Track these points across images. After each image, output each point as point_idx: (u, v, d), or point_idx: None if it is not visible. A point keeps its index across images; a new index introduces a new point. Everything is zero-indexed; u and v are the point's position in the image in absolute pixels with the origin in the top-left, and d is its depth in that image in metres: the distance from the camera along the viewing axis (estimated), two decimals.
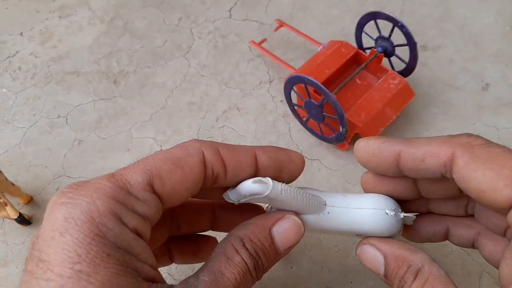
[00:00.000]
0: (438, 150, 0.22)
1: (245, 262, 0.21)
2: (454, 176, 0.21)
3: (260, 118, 0.40)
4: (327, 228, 0.25)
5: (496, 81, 0.41)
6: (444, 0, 0.46)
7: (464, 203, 0.25)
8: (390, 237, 0.25)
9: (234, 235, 0.22)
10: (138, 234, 0.19)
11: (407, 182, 0.25)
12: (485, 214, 0.25)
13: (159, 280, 0.20)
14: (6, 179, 0.34)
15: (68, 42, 0.45)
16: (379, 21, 0.37)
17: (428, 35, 0.44)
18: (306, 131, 0.39)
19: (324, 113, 0.35)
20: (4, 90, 0.43)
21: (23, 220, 0.34)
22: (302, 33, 0.42)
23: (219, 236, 0.27)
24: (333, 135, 0.36)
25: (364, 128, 0.35)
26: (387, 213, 0.25)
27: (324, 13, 0.46)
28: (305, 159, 0.32)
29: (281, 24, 0.43)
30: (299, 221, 0.24)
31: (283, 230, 0.23)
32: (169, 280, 0.33)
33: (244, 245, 0.22)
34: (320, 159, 0.38)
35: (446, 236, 0.27)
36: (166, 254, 0.28)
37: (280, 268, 0.34)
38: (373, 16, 0.37)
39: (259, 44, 0.42)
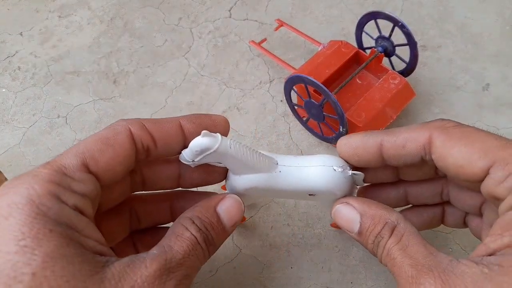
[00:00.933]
0: (416, 135, 0.24)
1: (194, 236, 0.23)
2: (433, 156, 0.24)
3: (260, 118, 0.40)
4: (280, 187, 0.27)
5: (496, 81, 0.41)
6: (444, 0, 0.46)
7: (439, 190, 0.28)
8: (342, 196, 0.27)
9: (183, 217, 0.25)
10: (79, 211, 0.21)
11: (388, 170, 0.28)
12: (459, 197, 0.27)
13: (107, 254, 0.21)
14: (6, 179, 0.34)
15: (67, 42, 0.45)
16: (379, 21, 0.37)
17: (428, 35, 0.44)
18: (306, 131, 0.39)
19: (324, 113, 0.35)
20: (4, 90, 0.43)
21: None
22: (302, 33, 0.42)
23: None
24: (333, 135, 0.36)
25: (364, 128, 0.35)
26: (335, 170, 0.26)
27: (324, 13, 0.46)
28: None
29: (281, 23, 0.43)
30: (240, 199, 0.27)
31: (226, 207, 0.26)
32: None
33: (194, 222, 0.24)
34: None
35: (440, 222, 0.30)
36: (132, 247, 0.29)
37: (280, 268, 0.34)
38: (374, 15, 0.37)
39: (259, 44, 0.42)
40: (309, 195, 0.27)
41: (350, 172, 0.27)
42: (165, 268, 0.21)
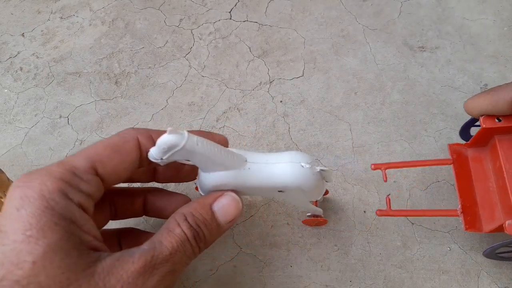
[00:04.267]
0: None
1: (184, 232, 0.24)
2: None
3: (260, 118, 0.40)
4: (249, 184, 0.27)
5: (494, 82, 0.41)
6: (442, 1, 0.47)
7: None
8: (312, 193, 0.28)
9: (178, 213, 0.26)
10: (83, 208, 0.23)
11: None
12: None
13: (102, 249, 0.23)
14: (8, 179, 0.34)
15: (69, 43, 0.46)
16: None
17: (427, 36, 0.44)
18: (306, 131, 0.39)
19: None
20: (6, 90, 0.43)
21: None
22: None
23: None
24: None
25: None
26: (302, 166, 0.27)
27: (323, 15, 0.46)
28: None
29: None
30: (237, 197, 0.27)
31: (223, 205, 0.27)
32: None
33: (186, 219, 0.25)
34: (320, 159, 0.38)
35: None
36: (117, 246, 0.31)
37: (280, 267, 0.34)
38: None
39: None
40: (278, 191, 0.28)
41: (318, 168, 0.27)
42: (150, 264, 0.23)
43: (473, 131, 0.34)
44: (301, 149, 0.39)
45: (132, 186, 0.31)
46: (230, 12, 0.47)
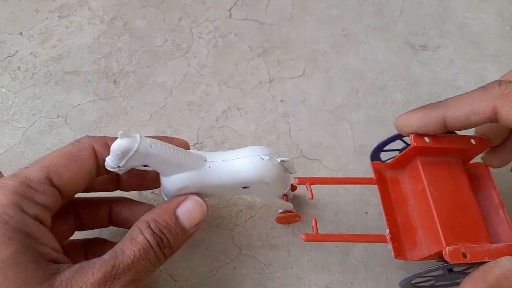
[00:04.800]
0: (478, 107, 0.25)
1: (147, 240, 0.24)
2: (502, 123, 0.24)
3: (260, 118, 0.40)
4: (212, 184, 0.27)
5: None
6: (444, 0, 0.46)
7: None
8: (276, 186, 0.27)
9: (141, 220, 0.25)
10: (39, 221, 0.23)
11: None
12: None
13: (62, 261, 0.23)
14: None
15: (67, 42, 0.45)
16: None
17: (428, 35, 0.44)
18: (306, 131, 0.39)
19: None
20: (4, 90, 0.43)
21: None
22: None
23: None
24: None
25: None
26: (262, 158, 0.26)
27: (324, 13, 0.46)
28: (305, 159, 0.32)
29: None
30: (201, 200, 0.27)
31: (187, 209, 0.26)
32: (169, 282, 0.33)
33: (149, 226, 0.25)
34: (320, 159, 0.38)
35: None
36: (84, 257, 0.30)
37: (280, 269, 0.33)
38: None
39: None
40: (243, 187, 0.28)
41: (279, 159, 0.27)
42: (110, 274, 0.22)
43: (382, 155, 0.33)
44: (301, 149, 0.38)
45: (97, 196, 0.31)
46: (229, 10, 0.47)
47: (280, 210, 0.33)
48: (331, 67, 0.43)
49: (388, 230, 0.29)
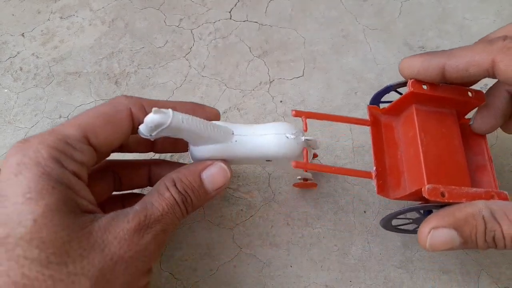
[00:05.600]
0: (479, 58, 0.24)
1: (173, 197, 0.26)
2: (498, 78, 0.24)
3: (260, 118, 0.40)
4: (237, 156, 0.28)
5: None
6: (443, 1, 0.47)
7: None
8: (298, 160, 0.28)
9: (168, 177, 0.27)
10: (77, 176, 0.24)
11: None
12: None
13: (96, 212, 0.24)
14: None
15: (69, 43, 0.46)
16: None
17: (427, 35, 0.44)
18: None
19: None
20: (6, 90, 0.43)
21: None
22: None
23: None
24: None
25: None
26: (287, 137, 0.28)
27: (324, 14, 0.46)
28: None
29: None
30: (225, 167, 0.28)
31: (211, 174, 0.28)
32: (170, 280, 0.34)
33: (175, 184, 0.27)
34: (320, 158, 0.38)
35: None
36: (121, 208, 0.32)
37: (280, 267, 0.34)
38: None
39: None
40: (266, 160, 0.29)
41: (303, 138, 0.28)
42: (144, 223, 0.24)
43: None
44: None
45: (136, 158, 0.32)
46: (230, 12, 0.47)
47: (299, 177, 0.34)
48: (330, 68, 0.43)
49: (374, 168, 0.29)
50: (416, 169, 0.28)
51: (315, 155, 0.36)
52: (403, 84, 0.30)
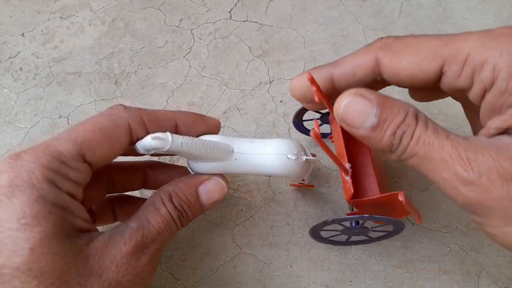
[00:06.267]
0: (362, 60, 0.24)
1: (169, 213, 0.26)
2: (384, 76, 0.24)
3: (260, 118, 0.40)
4: (237, 172, 0.28)
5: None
6: (442, 1, 0.47)
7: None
8: (299, 177, 0.29)
9: (164, 190, 0.27)
10: (72, 196, 0.23)
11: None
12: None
13: (91, 229, 0.24)
14: None
15: (69, 43, 0.46)
16: None
17: None
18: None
19: None
20: (6, 90, 0.43)
21: None
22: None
23: None
24: None
25: None
26: (288, 158, 0.27)
27: (323, 15, 0.46)
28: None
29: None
30: (223, 182, 0.28)
31: (208, 189, 0.28)
32: (170, 280, 0.34)
33: (171, 199, 0.26)
34: (320, 158, 0.38)
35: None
36: (111, 213, 0.32)
37: (280, 267, 0.34)
38: None
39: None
40: (265, 175, 0.29)
41: (304, 158, 0.28)
42: (141, 244, 0.24)
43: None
44: None
45: (130, 161, 0.32)
46: (230, 12, 0.47)
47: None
48: None
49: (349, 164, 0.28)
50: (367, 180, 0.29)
51: (313, 155, 0.36)
52: (303, 110, 0.31)
